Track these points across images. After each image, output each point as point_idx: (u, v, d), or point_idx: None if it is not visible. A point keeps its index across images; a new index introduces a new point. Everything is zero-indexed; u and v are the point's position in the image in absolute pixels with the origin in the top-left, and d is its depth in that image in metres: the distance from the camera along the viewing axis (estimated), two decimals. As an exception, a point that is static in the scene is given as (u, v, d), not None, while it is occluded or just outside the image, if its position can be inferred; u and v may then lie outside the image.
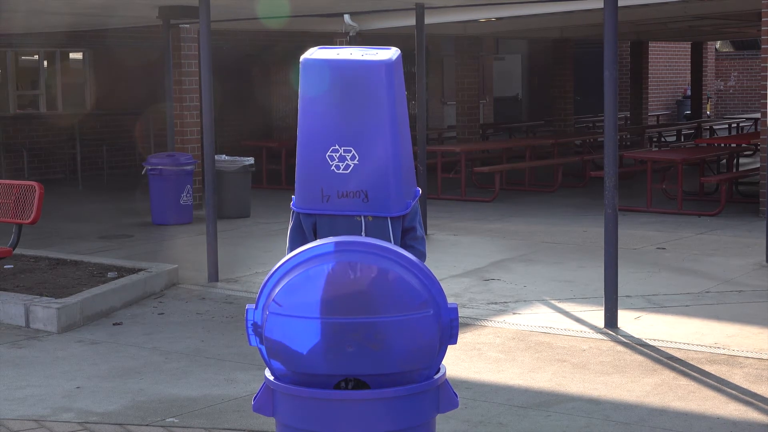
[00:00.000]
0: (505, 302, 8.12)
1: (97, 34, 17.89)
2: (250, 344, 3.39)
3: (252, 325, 3.35)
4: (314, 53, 3.83)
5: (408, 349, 3.24)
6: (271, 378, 3.37)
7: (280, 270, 3.35)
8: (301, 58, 3.81)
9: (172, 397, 5.92)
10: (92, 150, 18.54)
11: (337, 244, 3.33)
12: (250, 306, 3.37)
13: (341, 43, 16.24)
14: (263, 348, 3.33)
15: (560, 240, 11.09)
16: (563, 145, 19.55)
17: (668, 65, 32.66)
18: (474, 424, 5.35)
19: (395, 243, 3.92)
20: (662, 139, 23.26)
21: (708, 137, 22.64)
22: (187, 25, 13.85)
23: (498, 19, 16.57)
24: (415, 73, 11.45)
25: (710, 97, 33.13)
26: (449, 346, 3.38)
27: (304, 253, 3.34)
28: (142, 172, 12.87)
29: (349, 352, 3.20)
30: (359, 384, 3.28)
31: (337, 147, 3.79)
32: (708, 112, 32.12)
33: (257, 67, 22.01)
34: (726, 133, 25.06)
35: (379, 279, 3.26)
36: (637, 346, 6.79)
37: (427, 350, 3.28)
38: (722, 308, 7.83)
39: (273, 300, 3.28)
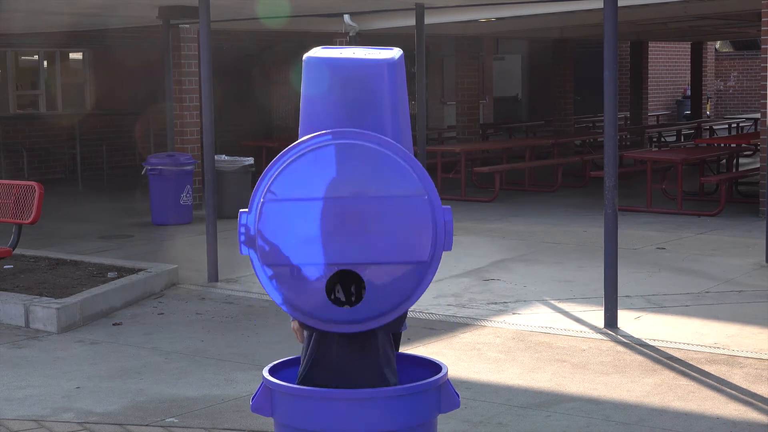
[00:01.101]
0: (505, 302, 8.12)
1: (97, 34, 17.90)
2: (241, 253, 3.30)
3: (243, 228, 3.27)
4: (317, 52, 3.82)
5: (402, 232, 3.22)
6: (269, 378, 3.37)
7: (277, 165, 3.29)
8: (304, 57, 3.81)
9: (172, 397, 5.92)
10: (92, 150, 18.54)
11: (333, 133, 3.30)
12: (243, 210, 3.29)
13: (341, 43, 16.24)
14: (254, 253, 3.27)
15: (560, 240, 11.08)
16: (563, 145, 19.55)
17: (668, 65, 32.67)
18: (474, 424, 5.35)
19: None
20: (662, 139, 23.25)
21: (708, 137, 22.63)
22: (187, 25, 13.85)
23: (498, 19, 16.58)
24: (415, 73, 11.44)
25: (710, 97, 33.13)
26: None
27: (299, 146, 3.30)
28: (142, 172, 12.86)
29: (343, 239, 3.18)
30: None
31: (338, 145, 3.78)
32: (708, 112, 32.11)
33: (257, 67, 22.00)
34: (726, 133, 25.06)
35: (376, 161, 3.26)
36: (637, 346, 6.79)
37: (421, 239, 3.24)
38: (722, 308, 7.82)
39: (269, 190, 3.24)
